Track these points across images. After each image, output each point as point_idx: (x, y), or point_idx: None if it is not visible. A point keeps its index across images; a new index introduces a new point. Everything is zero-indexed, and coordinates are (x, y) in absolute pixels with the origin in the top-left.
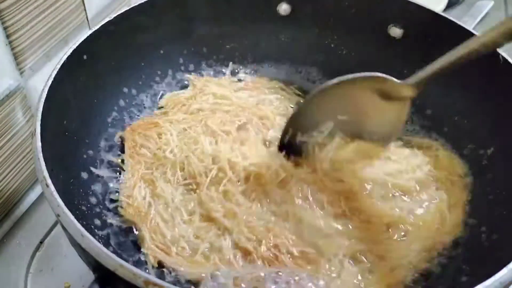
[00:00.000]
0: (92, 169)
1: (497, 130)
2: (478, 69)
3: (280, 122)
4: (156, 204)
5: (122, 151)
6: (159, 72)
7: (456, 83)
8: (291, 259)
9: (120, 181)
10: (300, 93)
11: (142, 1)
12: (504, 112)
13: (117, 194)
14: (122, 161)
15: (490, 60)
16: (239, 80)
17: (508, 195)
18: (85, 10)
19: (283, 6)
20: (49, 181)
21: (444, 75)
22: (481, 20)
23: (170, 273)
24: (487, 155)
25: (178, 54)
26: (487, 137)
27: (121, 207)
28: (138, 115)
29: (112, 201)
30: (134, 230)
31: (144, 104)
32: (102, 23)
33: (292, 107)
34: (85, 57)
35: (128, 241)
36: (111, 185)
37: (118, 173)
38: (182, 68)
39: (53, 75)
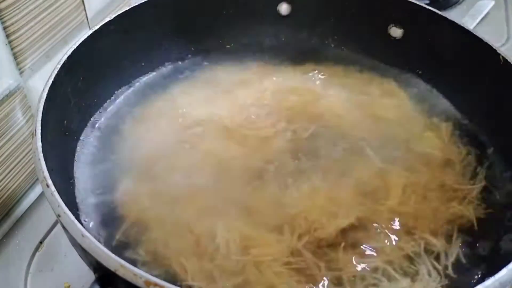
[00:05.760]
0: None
1: (497, 130)
2: (478, 69)
3: None
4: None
5: None
6: (158, 72)
7: (456, 83)
8: None
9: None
10: None
11: (142, 1)
12: (504, 112)
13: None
14: None
15: (490, 60)
16: None
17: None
18: (85, 10)
19: (283, 6)
20: (50, 181)
21: None
22: (481, 20)
23: None
24: (487, 155)
25: (178, 54)
26: (487, 137)
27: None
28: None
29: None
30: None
31: None
32: (102, 23)
33: None
34: (85, 56)
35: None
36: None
37: None
38: (182, 68)
39: (53, 75)
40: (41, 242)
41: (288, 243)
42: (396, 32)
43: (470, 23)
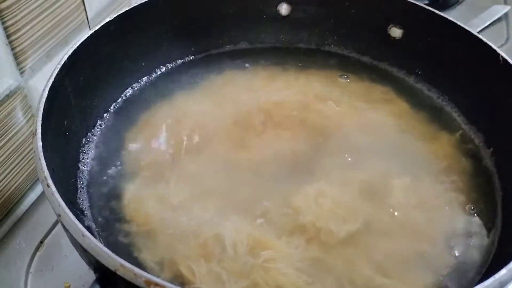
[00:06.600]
0: None
1: (497, 130)
2: (478, 69)
3: None
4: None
5: None
6: (158, 72)
7: (455, 83)
8: None
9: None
10: None
11: (142, 1)
12: (504, 112)
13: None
14: None
15: (490, 60)
16: None
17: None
18: (85, 10)
19: (283, 6)
20: (50, 181)
21: None
22: (492, 24)
23: None
24: (487, 155)
25: (179, 54)
26: (487, 137)
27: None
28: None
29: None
30: None
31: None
32: (103, 23)
33: None
34: (85, 57)
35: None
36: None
37: None
38: (182, 68)
39: (54, 75)
40: (41, 242)
41: (296, 245)
42: (396, 32)
43: (477, 26)
